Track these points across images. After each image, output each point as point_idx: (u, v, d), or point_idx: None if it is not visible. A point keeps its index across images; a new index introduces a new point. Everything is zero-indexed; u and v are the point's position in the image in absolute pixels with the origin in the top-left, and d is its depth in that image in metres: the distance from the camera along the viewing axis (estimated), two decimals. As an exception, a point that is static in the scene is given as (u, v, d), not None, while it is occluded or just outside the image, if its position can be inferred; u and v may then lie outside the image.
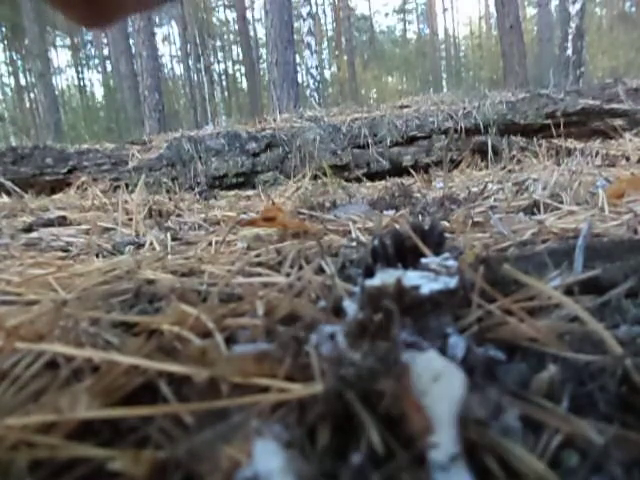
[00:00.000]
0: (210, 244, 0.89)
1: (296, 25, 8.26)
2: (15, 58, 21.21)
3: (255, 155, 2.47)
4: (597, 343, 0.34)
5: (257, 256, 0.76)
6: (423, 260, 0.48)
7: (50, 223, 1.32)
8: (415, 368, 0.29)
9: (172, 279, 0.64)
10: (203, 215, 1.40)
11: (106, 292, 0.58)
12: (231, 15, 24.83)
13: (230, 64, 27.05)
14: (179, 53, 24.72)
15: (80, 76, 26.55)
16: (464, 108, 2.61)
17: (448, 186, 1.68)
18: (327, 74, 27.40)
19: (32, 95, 21.09)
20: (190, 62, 20.68)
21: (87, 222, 1.35)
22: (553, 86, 4.62)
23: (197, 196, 2.06)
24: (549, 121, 2.50)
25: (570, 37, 8.47)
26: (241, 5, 17.28)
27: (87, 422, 0.31)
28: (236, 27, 21.02)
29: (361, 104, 3.89)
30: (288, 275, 0.61)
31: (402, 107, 3.04)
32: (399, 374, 0.28)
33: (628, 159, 2.04)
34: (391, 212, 1.18)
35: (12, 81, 22.47)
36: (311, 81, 7.70)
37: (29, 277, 0.67)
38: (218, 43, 25.46)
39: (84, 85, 26.99)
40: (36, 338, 0.42)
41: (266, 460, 0.25)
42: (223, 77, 26.50)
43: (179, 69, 25.71)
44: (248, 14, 21.08)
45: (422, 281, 0.40)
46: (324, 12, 30.15)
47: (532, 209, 1.05)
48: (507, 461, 0.26)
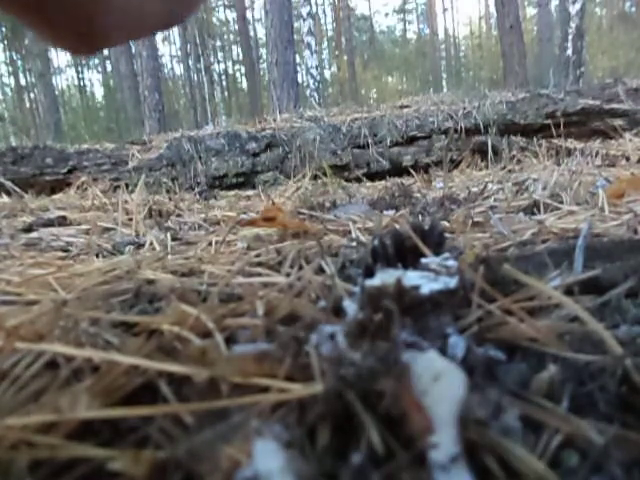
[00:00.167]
0: (210, 244, 0.89)
1: (296, 25, 8.27)
2: (15, 58, 21.17)
3: (255, 155, 2.47)
4: (597, 343, 0.34)
5: (257, 256, 0.76)
6: (423, 260, 0.48)
7: (50, 223, 1.32)
8: (415, 368, 0.29)
9: (172, 279, 0.64)
10: (203, 215, 1.40)
11: (106, 292, 0.58)
12: (231, 15, 24.86)
13: (230, 64, 27.06)
14: (179, 53, 24.71)
15: (80, 76, 26.57)
16: (464, 108, 2.60)
17: (448, 186, 1.68)
18: (327, 74, 27.40)
19: (32, 95, 21.09)
20: (190, 62, 20.68)
21: (87, 222, 1.35)
22: (553, 86, 4.63)
23: (197, 196, 2.06)
24: (549, 121, 2.50)
25: (570, 37, 8.48)
26: (241, 5, 17.28)
27: (87, 422, 0.31)
28: (236, 27, 21.03)
29: (361, 104, 3.89)
30: (288, 275, 0.61)
31: (402, 107, 3.04)
32: (399, 374, 0.28)
33: (628, 159, 2.04)
34: (391, 212, 1.18)
35: (12, 81, 22.46)
36: (311, 81, 7.70)
37: (29, 277, 0.67)
38: (218, 43, 25.45)
39: (84, 85, 27.02)
40: (36, 338, 0.42)
41: (266, 460, 0.25)
42: (223, 77, 26.50)
43: (179, 69, 25.73)
44: (248, 14, 21.11)
45: (422, 281, 0.40)
46: (324, 12, 30.18)
47: (532, 209, 1.05)
48: (507, 461, 0.26)
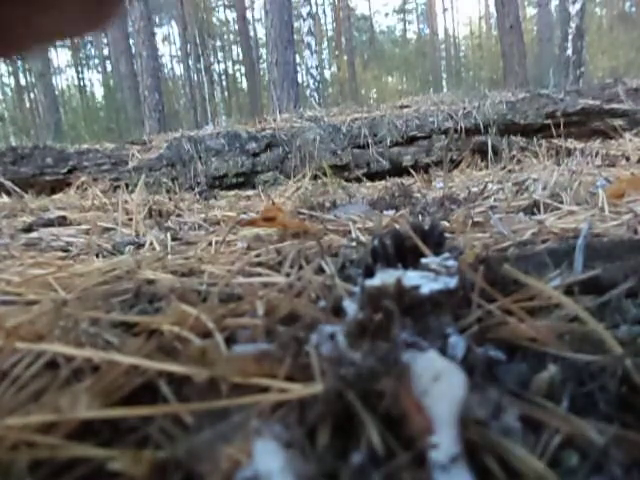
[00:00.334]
0: (210, 244, 0.89)
1: (296, 25, 8.26)
2: (15, 58, 21.13)
3: (255, 155, 2.47)
4: (597, 343, 0.34)
5: (257, 256, 0.76)
6: (423, 260, 0.48)
7: (50, 223, 1.32)
8: (415, 368, 0.29)
9: (172, 279, 0.64)
10: (203, 215, 1.40)
11: (106, 292, 0.58)
12: (231, 15, 24.84)
13: (230, 64, 27.05)
14: (179, 53, 24.72)
15: (80, 76, 26.55)
16: (464, 108, 2.60)
17: (448, 186, 1.68)
18: (327, 74, 27.39)
19: (32, 95, 21.09)
20: (190, 62, 20.66)
21: (87, 222, 1.35)
22: (553, 86, 4.63)
23: (197, 196, 2.06)
24: (549, 121, 2.50)
25: (570, 37, 8.48)
26: (241, 5, 17.28)
27: (87, 422, 0.31)
28: (236, 27, 21.02)
29: (361, 104, 3.89)
30: (288, 275, 0.61)
31: (402, 107, 3.04)
32: (399, 374, 0.28)
33: (628, 159, 2.04)
34: (391, 212, 1.18)
35: (12, 81, 22.45)
36: (311, 81, 7.70)
37: (29, 277, 0.67)
38: (218, 43, 25.44)
39: (84, 85, 26.99)
40: (36, 338, 0.42)
41: (266, 460, 0.25)
42: (223, 77, 26.49)
43: (179, 69, 25.72)
44: (248, 14, 21.09)
45: (422, 281, 0.40)
46: (324, 12, 30.16)
47: (532, 209, 1.05)
48: (507, 461, 0.26)
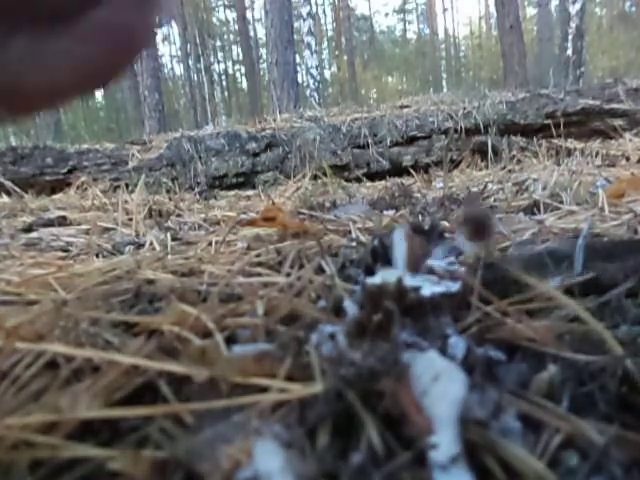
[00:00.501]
0: (210, 244, 0.89)
1: (296, 25, 8.27)
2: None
3: (255, 155, 2.47)
4: (597, 343, 0.34)
5: (257, 256, 0.76)
6: (428, 262, 0.48)
7: (50, 223, 1.32)
8: (415, 368, 0.29)
9: (172, 279, 0.64)
10: (203, 215, 1.40)
11: (106, 292, 0.58)
12: (231, 15, 24.83)
13: (230, 64, 27.05)
14: (179, 53, 24.70)
15: (80, 76, 26.49)
16: (464, 108, 2.60)
17: (448, 186, 1.68)
18: (327, 74, 27.40)
19: (32, 95, 21.04)
20: (190, 62, 20.67)
21: (87, 222, 1.35)
22: (553, 86, 4.62)
23: (197, 196, 2.06)
24: (549, 121, 2.50)
25: (570, 37, 8.48)
26: (241, 5, 17.28)
27: (87, 422, 0.31)
28: (236, 27, 21.02)
29: (361, 104, 3.89)
30: (288, 275, 0.61)
31: (402, 107, 3.04)
32: (399, 374, 0.28)
33: (628, 159, 2.04)
34: (391, 212, 1.18)
35: (12, 81, 22.40)
36: (311, 81, 7.70)
37: (29, 277, 0.67)
38: (218, 43, 25.45)
39: (84, 85, 26.93)
40: (36, 338, 0.42)
41: (266, 460, 0.25)
42: (223, 77, 26.50)
43: (179, 69, 25.71)
44: (248, 14, 21.09)
45: (424, 283, 0.40)
46: (324, 12, 30.16)
47: (532, 209, 1.05)
48: (507, 461, 0.26)
